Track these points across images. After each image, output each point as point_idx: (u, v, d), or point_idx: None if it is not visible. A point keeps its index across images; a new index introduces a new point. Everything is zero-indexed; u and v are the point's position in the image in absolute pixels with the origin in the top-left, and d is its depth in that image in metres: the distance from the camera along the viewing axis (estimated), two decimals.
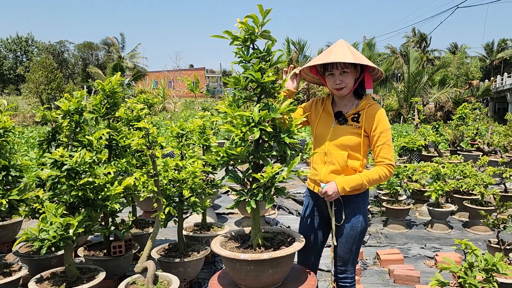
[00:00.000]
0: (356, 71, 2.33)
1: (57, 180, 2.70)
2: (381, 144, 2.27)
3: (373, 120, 2.28)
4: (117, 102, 3.50)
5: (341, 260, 2.44)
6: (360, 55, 2.33)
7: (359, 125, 2.30)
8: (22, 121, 21.77)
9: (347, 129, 2.31)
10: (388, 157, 2.27)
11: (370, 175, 2.26)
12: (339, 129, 2.32)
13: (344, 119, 2.33)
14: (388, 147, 2.27)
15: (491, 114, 31.54)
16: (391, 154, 2.28)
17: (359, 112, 2.32)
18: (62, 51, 51.59)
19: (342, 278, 2.48)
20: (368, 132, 2.30)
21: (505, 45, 48.43)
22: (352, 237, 2.37)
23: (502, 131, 9.31)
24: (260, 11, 2.15)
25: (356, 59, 2.22)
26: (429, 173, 5.54)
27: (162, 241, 4.36)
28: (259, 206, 2.26)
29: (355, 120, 2.32)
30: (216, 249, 2.24)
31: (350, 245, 2.38)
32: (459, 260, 3.85)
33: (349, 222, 2.35)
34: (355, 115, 2.33)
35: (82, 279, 2.83)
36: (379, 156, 2.28)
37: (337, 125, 2.34)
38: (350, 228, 2.36)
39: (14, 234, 4.08)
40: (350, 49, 2.29)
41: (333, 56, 2.23)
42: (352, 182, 2.24)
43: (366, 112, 2.30)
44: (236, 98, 2.27)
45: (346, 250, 2.40)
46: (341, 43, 2.33)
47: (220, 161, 2.21)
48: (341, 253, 2.42)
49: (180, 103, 30.55)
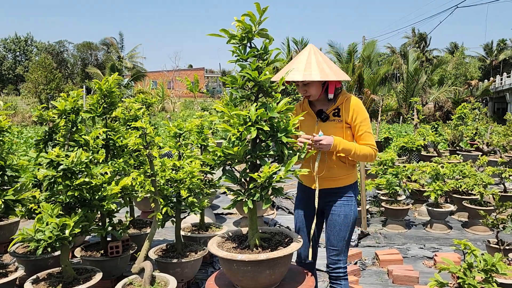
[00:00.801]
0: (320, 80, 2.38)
1: (54, 180, 2.68)
2: (363, 133, 2.43)
3: (353, 111, 2.43)
4: (114, 101, 3.49)
5: (334, 250, 2.49)
6: (327, 66, 2.36)
7: (340, 119, 2.44)
8: (21, 121, 21.76)
9: (331, 124, 2.45)
10: (371, 143, 2.43)
11: (361, 148, 2.40)
12: (324, 126, 2.46)
13: (326, 116, 2.46)
14: (370, 134, 2.44)
15: (490, 114, 31.56)
16: (373, 140, 2.45)
17: (338, 107, 2.46)
18: (61, 51, 51.50)
19: (335, 269, 2.51)
20: (350, 123, 2.45)
21: (504, 45, 48.49)
22: (346, 225, 2.46)
23: (502, 131, 9.31)
24: (257, 9, 2.13)
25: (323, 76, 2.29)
26: (428, 173, 5.52)
27: (160, 242, 4.34)
28: (257, 206, 2.24)
29: (336, 115, 2.46)
30: (213, 249, 2.22)
31: (344, 233, 2.47)
32: (458, 260, 3.84)
33: (342, 211, 2.46)
34: (335, 110, 2.47)
35: (79, 279, 2.81)
36: (362, 144, 2.43)
37: (321, 123, 2.48)
38: (344, 216, 2.46)
39: (10, 234, 4.06)
40: (318, 61, 2.35)
41: (290, 74, 2.31)
42: (345, 145, 2.35)
43: (344, 105, 2.44)
44: (233, 97, 2.25)
45: (340, 238, 2.47)
46: (302, 55, 2.40)
47: (217, 160, 2.19)
48: (335, 242, 2.48)
49: (179, 103, 30.54)
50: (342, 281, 2.51)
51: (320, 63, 2.37)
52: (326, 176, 2.43)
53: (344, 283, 2.51)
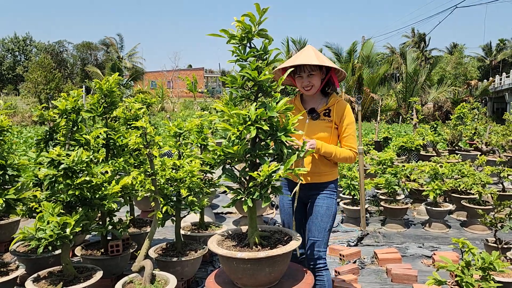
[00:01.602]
0: (322, 72, 2.60)
1: (54, 179, 2.70)
2: (347, 135, 2.61)
3: (343, 114, 2.61)
4: (115, 101, 3.50)
5: (316, 240, 2.60)
6: (325, 58, 2.60)
7: (330, 119, 2.61)
8: (21, 121, 21.75)
9: (320, 123, 2.61)
10: (353, 146, 2.61)
11: (341, 150, 2.58)
12: (313, 124, 2.62)
13: (317, 115, 2.62)
14: (353, 137, 2.62)
15: (489, 114, 31.60)
16: (355, 143, 2.63)
17: (330, 108, 2.63)
18: (61, 51, 51.47)
19: (316, 259, 2.59)
20: (338, 124, 2.63)
21: (503, 45, 48.53)
22: (327, 216, 2.62)
23: (500, 131, 9.32)
24: (257, 10, 2.15)
25: (320, 61, 2.50)
26: (427, 173, 5.54)
27: (160, 240, 4.36)
28: (256, 205, 2.26)
29: (326, 115, 2.62)
30: (213, 247, 2.24)
31: (325, 224, 2.62)
32: (456, 259, 3.86)
33: (325, 203, 2.63)
34: (326, 111, 2.63)
35: (79, 278, 2.83)
36: (346, 145, 2.61)
37: (311, 121, 2.63)
38: (327, 207, 2.63)
39: (11, 233, 4.07)
40: (316, 53, 2.56)
41: (300, 60, 2.51)
42: (327, 148, 2.53)
43: (335, 108, 2.61)
44: (233, 96, 2.27)
45: (321, 229, 2.61)
46: (308, 48, 2.62)
47: (217, 159, 2.21)
48: (316, 232, 2.61)
49: (179, 103, 30.54)
50: (323, 271, 2.60)
51: (322, 57, 2.57)
52: (312, 171, 2.61)
53: (326, 273, 2.61)
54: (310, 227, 2.64)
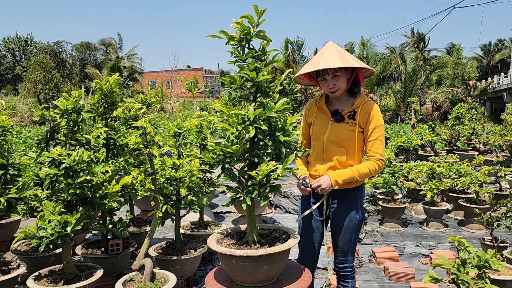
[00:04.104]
0: (347, 72, 2.40)
1: (55, 178, 2.73)
2: (374, 139, 2.37)
3: (369, 116, 2.37)
4: (115, 101, 3.53)
5: (341, 251, 2.53)
6: (349, 56, 2.37)
7: (355, 122, 2.39)
8: (20, 121, 21.76)
9: (344, 126, 2.40)
10: (379, 152, 2.36)
11: (361, 169, 2.36)
12: (337, 127, 2.41)
13: (341, 117, 2.41)
14: (380, 142, 2.36)
15: (488, 114, 31.65)
16: (382, 149, 2.38)
17: (355, 110, 2.41)
18: (60, 51, 51.44)
19: (343, 268, 2.56)
20: (363, 127, 2.40)
21: (502, 45, 48.62)
22: (351, 228, 2.47)
23: (498, 131, 9.37)
24: (255, 11, 2.18)
25: (345, 62, 2.28)
26: (424, 172, 5.58)
27: (160, 239, 4.39)
28: (255, 204, 2.29)
29: (351, 117, 2.40)
30: (212, 245, 2.27)
31: (350, 235, 2.48)
32: (453, 257, 3.89)
33: (348, 215, 2.46)
34: (351, 113, 2.41)
35: (80, 276, 2.86)
36: (371, 150, 2.38)
37: (335, 123, 2.42)
38: (349, 219, 2.46)
39: (11, 233, 4.10)
40: (339, 52, 2.34)
41: (323, 63, 2.29)
42: (344, 175, 2.34)
43: (361, 109, 2.39)
44: (232, 97, 2.30)
45: (346, 240, 2.50)
46: (330, 47, 2.39)
47: (216, 159, 2.24)
48: (341, 243, 2.51)
49: (178, 103, 30.52)
50: (350, 279, 2.55)
51: (345, 56, 2.34)
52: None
53: (351, 282, 2.56)
54: (335, 237, 2.53)
